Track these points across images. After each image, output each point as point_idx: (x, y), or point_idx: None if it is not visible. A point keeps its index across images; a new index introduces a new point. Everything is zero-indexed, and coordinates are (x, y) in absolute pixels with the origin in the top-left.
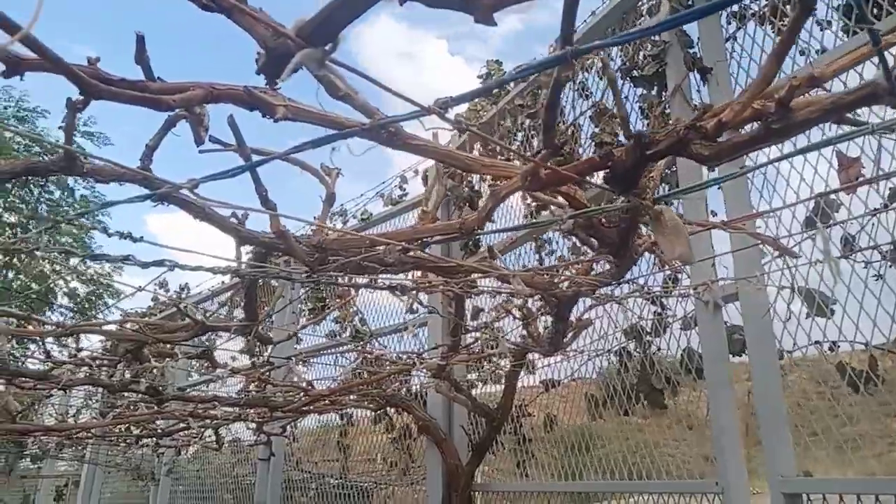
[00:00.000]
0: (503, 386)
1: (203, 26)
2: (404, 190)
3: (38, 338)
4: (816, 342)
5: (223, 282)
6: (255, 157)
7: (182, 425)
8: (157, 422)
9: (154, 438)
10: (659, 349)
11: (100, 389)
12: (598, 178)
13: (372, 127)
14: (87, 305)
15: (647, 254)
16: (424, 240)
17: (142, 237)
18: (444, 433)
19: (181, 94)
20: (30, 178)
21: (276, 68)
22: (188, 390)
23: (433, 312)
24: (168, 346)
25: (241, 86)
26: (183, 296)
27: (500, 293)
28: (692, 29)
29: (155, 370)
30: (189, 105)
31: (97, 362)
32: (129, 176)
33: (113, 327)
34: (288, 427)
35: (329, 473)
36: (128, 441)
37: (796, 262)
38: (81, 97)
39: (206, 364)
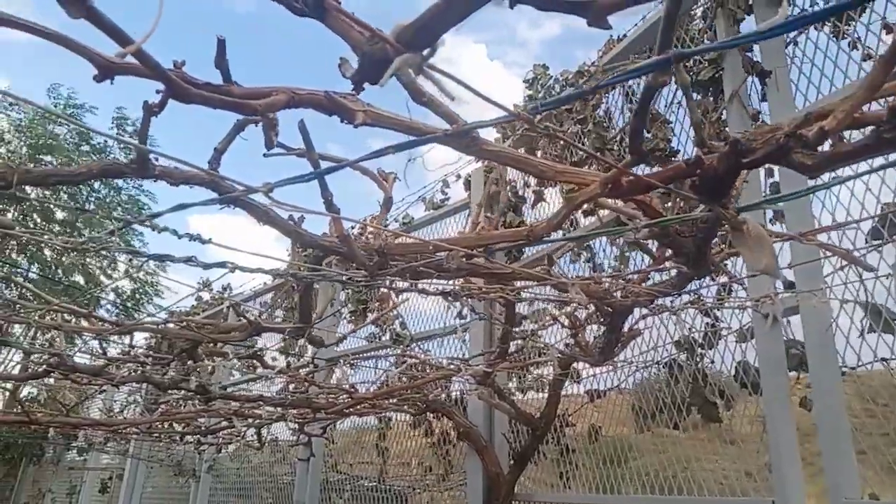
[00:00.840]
0: (546, 395)
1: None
2: (446, 194)
3: (94, 334)
4: (883, 359)
5: (265, 283)
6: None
7: (225, 423)
8: (200, 420)
9: (198, 436)
10: (712, 362)
11: (143, 386)
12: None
13: (455, 133)
14: (130, 305)
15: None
16: (489, 246)
17: (210, 239)
18: (486, 440)
19: (265, 99)
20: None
21: (372, 73)
22: (229, 389)
23: (484, 319)
24: (219, 345)
25: (322, 91)
26: (226, 296)
27: (557, 301)
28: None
29: (202, 369)
30: (273, 110)
31: (150, 359)
32: (198, 179)
33: (160, 325)
34: (327, 429)
35: (364, 476)
36: (172, 437)
37: (862, 275)
38: (158, 100)
39: (248, 364)
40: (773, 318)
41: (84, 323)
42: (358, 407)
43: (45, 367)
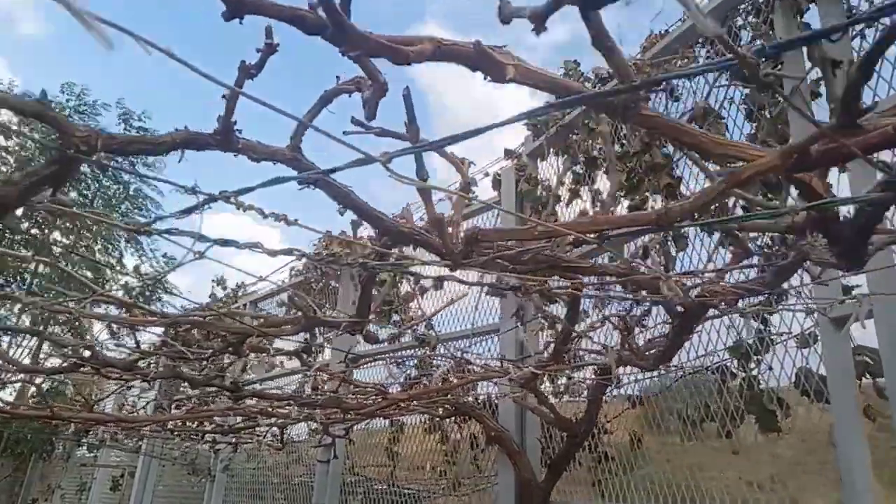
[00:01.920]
0: (586, 400)
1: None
2: (473, 192)
3: (132, 326)
4: None
5: (283, 281)
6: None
7: (250, 423)
8: (221, 418)
9: (218, 434)
10: (770, 368)
11: (157, 382)
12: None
13: (626, 90)
14: (140, 301)
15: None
16: (605, 231)
17: (296, 220)
18: (518, 446)
19: (413, 46)
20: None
21: None
22: (248, 386)
23: (546, 318)
24: (261, 341)
25: (471, 42)
26: (240, 294)
27: (640, 300)
28: (815, 24)
29: (234, 366)
30: (420, 60)
31: (189, 354)
32: (280, 156)
33: (206, 319)
34: (349, 430)
35: (378, 478)
36: (192, 435)
37: None
38: (256, 61)
39: (269, 362)
40: (855, 320)
41: (98, 312)
42: (390, 409)
43: (75, 360)
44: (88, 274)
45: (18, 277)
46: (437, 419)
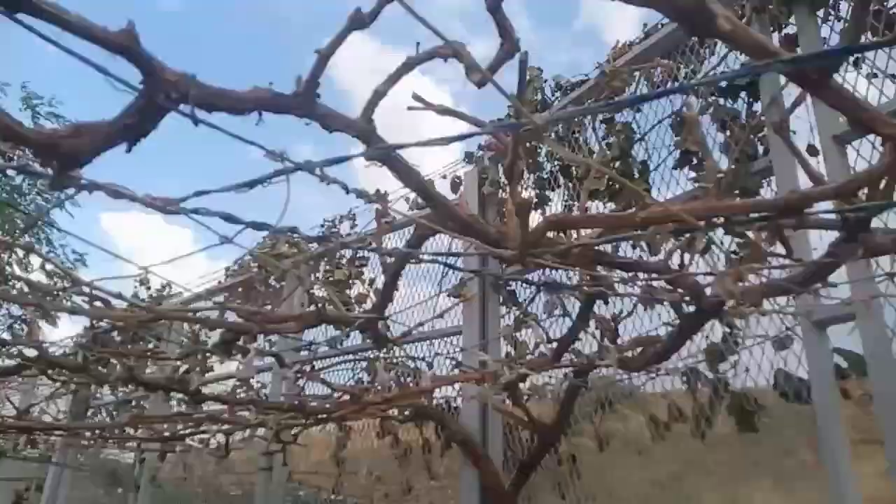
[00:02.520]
0: (560, 401)
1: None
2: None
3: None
4: None
5: (219, 282)
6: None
7: (195, 429)
8: (165, 424)
9: (154, 441)
10: (747, 370)
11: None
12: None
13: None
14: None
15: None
16: (713, 220)
17: (386, 192)
18: (482, 449)
19: None
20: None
21: None
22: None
23: (562, 314)
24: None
25: None
26: (164, 294)
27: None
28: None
29: (193, 369)
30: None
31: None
32: (354, 128)
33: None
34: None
35: (312, 486)
36: (122, 442)
37: None
38: (372, 8)
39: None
40: (865, 312)
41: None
42: (357, 412)
43: (20, 360)
44: None
45: None
46: (394, 423)
